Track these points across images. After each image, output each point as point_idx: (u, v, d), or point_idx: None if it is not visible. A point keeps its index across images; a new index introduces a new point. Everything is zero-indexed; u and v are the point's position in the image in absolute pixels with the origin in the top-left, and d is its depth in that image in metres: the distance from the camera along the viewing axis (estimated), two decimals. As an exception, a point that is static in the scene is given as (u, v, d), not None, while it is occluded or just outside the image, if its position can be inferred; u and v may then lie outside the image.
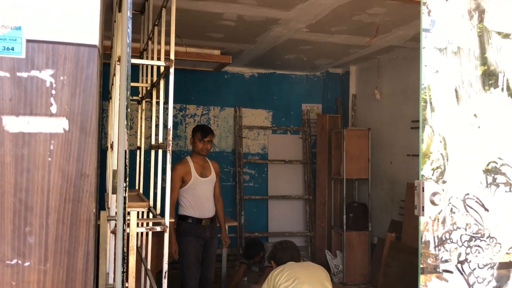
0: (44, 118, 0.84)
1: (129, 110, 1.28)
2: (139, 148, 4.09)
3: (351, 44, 5.08)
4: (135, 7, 4.17)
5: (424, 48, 1.60)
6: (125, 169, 1.21)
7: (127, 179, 1.16)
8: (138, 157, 4.06)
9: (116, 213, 1.54)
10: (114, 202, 2.25)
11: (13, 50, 0.89)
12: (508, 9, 1.74)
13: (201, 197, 3.90)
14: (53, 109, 0.84)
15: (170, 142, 2.54)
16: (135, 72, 4.52)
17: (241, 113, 6.33)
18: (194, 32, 4.71)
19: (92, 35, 0.89)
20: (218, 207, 4.12)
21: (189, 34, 4.76)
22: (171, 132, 2.54)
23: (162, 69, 2.74)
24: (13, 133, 0.80)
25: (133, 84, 3.93)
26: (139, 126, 4.12)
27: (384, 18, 4.15)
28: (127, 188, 1.16)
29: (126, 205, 1.60)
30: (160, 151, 2.90)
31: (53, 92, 0.85)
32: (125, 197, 1.15)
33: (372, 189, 5.82)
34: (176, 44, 5.07)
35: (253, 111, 6.44)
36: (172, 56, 2.54)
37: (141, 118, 4.06)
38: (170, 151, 2.52)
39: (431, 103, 1.65)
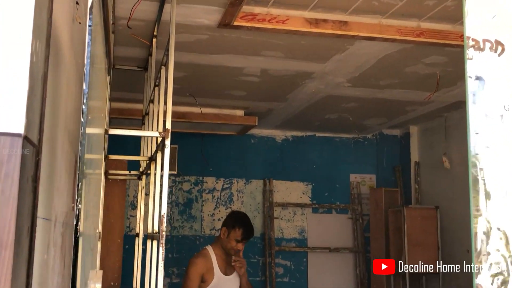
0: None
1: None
2: (138, 235, 4.10)
3: (407, 100, 5.09)
4: (139, 63, 4.36)
5: (471, 115, 1.56)
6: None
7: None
8: (136, 246, 4.07)
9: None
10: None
11: None
12: None
13: (225, 301, 3.70)
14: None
15: (164, 233, 2.54)
16: (137, 141, 4.63)
17: (272, 186, 6.33)
18: (210, 90, 4.85)
19: (15, 122, 0.90)
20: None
21: (205, 93, 4.90)
22: (164, 221, 2.54)
23: (159, 139, 2.81)
24: None
25: (132, 157, 4.04)
26: (138, 207, 4.17)
27: (446, 68, 4.15)
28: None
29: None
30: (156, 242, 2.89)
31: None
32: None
33: (444, 286, 5.58)
34: (189, 105, 5.24)
35: (287, 183, 6.44)
36: (168, 126, 2.60)
37: (141, 197, 4.12)
38: (163, 245, 2.51)
39: (485, 188, 1.57)
